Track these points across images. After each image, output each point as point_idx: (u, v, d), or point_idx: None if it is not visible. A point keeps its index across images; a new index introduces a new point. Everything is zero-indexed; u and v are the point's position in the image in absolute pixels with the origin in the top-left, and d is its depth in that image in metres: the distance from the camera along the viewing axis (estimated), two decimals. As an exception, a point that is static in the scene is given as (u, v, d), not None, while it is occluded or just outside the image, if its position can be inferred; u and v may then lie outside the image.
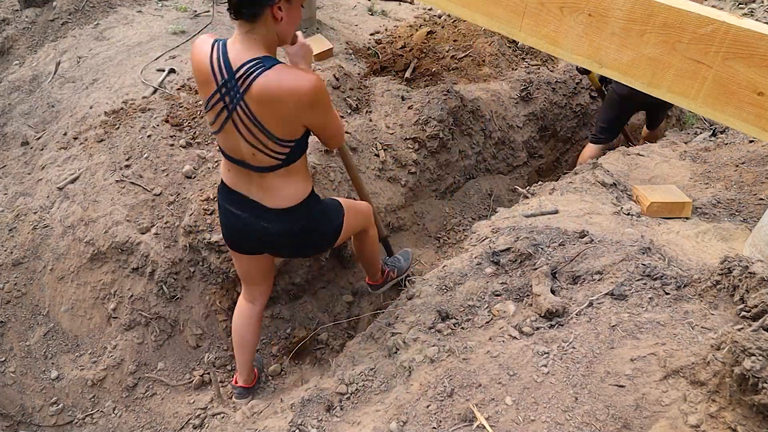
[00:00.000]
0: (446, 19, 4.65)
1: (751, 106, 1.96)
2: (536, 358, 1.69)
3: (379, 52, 4.39)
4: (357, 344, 2.30)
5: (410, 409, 1.71)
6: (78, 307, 2.84)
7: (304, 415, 1.87)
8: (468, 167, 3.85)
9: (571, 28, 2.30)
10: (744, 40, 1.88)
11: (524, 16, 2.43)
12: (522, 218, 2.47)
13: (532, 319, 1.86)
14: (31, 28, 4.89)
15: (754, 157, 2.89)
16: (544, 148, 4.22)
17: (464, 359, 1.80)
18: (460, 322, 2.01)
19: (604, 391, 1.52)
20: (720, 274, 1.67)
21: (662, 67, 2.12)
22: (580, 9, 2.24)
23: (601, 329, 1.69)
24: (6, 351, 2.81)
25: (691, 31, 1.99)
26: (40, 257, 2.92)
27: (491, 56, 4.30)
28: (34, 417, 2.71)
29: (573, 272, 1.98)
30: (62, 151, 3.31)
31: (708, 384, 1.39)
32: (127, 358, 2.78)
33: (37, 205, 3.05)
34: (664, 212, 2.48)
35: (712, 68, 2.00)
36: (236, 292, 2.97)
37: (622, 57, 2.20)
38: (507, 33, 2.59)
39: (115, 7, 4.89)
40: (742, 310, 1.56)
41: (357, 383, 1.97)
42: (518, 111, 4.02)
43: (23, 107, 4.01)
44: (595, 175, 2.79)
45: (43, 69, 4.32)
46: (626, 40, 2.16)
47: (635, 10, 2.09)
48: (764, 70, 1.88)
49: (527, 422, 1.52)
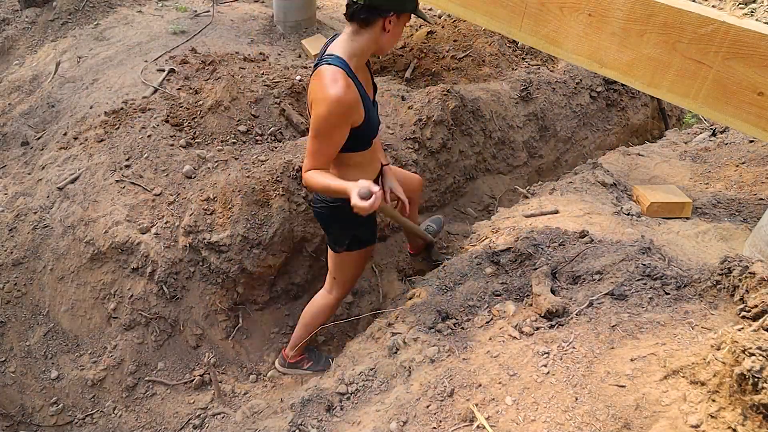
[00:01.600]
0: (446, 19, 4.65)
1: (751, 106, 1.96)
2: (536, 358, 1.69)
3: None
4: (357, 344, 2.30)
5: (410, 409, 1.71)
6: (78, 307, 2.84)
7: (304, 415, 1.87)
8: (468, 167, 3.85)
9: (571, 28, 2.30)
10: (744, 40, 1.88)
11: (524, 16, 2.43)
12: (522, 218, 2.47)
13: (532, 319, 1.86)
14: (31, 28, 4.89)
15: (754, 157, 2.89)
16: (544, 148, 4.22)
17: (464, 359, 1.80)
18: (460, 322, 2.01)
19: (604, 391, 1.52)
20: (720, 274, 1.67)
21: (662, 67, 2.12)
22: (580, 9, 2.24)
23: (601, 329, 1.69)
24: (6, 351, 2.81)
25: (691, 31, 1.99)
26: (40, 257, 2.92)
27: (491, 56, 4.29)
28: (34, 417, 2.71)
29: (573, 272, 1.98)
30: (62, 151, 3.31)
31: (708, 384, 1.39)
32: (127, 358, 2.78)
33: (37, 205, 3.05)
34: (664, 212, 2.48)
35: (712, 68, 2.00)
36: (236, 292, 2.97)
37: (622, 57, 2.21)
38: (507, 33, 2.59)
39: (115, 7, 4.89)
40: (742, 310, 1.56)
41: (357, 383, 1.97)
42: (518, 111, 4.01)
43: (23, 107, 4.01)
44: (595, 175, 2.79)
45: (43, 69, 4.32)
46: (626, 40, 2.16)
47: (635, 10, 2.09)
48: (764, 70, 1.88)
49: (527, 422, 1.52)
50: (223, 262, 2.86)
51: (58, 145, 3.38)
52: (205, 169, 3.05)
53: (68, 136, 3.39)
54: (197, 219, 2.85)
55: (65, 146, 3.35)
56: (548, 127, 4.18)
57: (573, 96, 4.28)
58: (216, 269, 2.88)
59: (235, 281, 2.93)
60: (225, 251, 2.86)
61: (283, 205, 2.97)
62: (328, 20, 4.75)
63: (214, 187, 2.94)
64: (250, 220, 2.91)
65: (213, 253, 2.86)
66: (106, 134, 3.28)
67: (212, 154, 3.12)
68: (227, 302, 2.96)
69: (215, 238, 2.84)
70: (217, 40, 4.29)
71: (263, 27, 4.57)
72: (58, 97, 3.88)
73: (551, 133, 4.20)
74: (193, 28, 4.49)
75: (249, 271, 2.92)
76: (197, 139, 3.23)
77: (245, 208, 2.91)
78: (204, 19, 4.66)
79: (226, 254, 2.86)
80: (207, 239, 2.84)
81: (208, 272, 2.90)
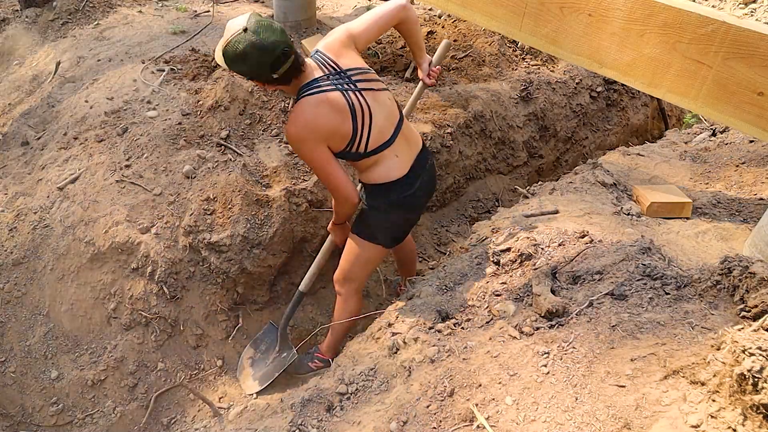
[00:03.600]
0: (446, 19, 4.65)
1: (751, 106, 1.96)
2: (536, 358, 1.69)
3: (379, 52, 4.39)
4: (357, 344, 2.30)
5: (410, 409, 1.71)
6: (78, 307, 2.83)
7: (304, 415, 1.87)
8: (468, 167, 3.85)
9: (571, 28, 2.30)
10: (744, 40, 1.88)
11: (524, 16, 2.43)
12: (522, 218, 2.47)
13: (532, 319, 1.86)
14: (31, 28, 4.89)
15: (754, 157, 2.89)
16: (544, 148, 4.22)
17: (464, 359, 1.80)
18: (460, 322, 2.01)
19: (604, 391, 1.52)
20: (720, 274, 1.67)
21: (662, 67, 2.12)
22: (580, 9, 2.24)
23: (602, 329, 1.69)
24: (6, 351, 2.81)
25: (691, 31, 1.99)
26: (40, 257, 2.92)
27: (491, 56, 4.29)
28: (34, 417, 2.71)
29: (573, 272, 1.98)
30: (62, 151, 3.31)
31: (708, 384, 1.39)
32: (127, 358, 2.78)
33: (37, 205, 3.05)
34: (664, 212, 2.48)
35: (712, 68, 2.00)
36: (236, 292, 2.97)
37: (622, 57, 2.21)
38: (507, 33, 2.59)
39: (115, 7, 4.89)
40: (742, 310, 1.56)
41: (357, 383, 1.97)
42: (518, 111, 4.01)
43: (23, 107, 4.01)
44: (595, 175, 2.79)
45: (43, 69, 4.32)
46: (626, 40, 2.16)
47: (635, 10, 2.09)
48: (764, 70, 1.88)
49: (527, 422, 1.52)
50: (223, 262, 2.87)
51: (58, 145, 3.38)
52: (205, 169, 3.05)
53: (68, 136, 3.39)
54: (197, 219, 2.85)
55: (65, 146, 3.34)
56: (548, 127, 4.18)
57: (573, 96, 4.27)
58: (216, 269, 2.88)
59: (235, 281, 2.93)
60: (225, 251, 2.86)
61: (283, 205, 2.97)
62: (328, 20, 4.75)
63: (214, 187, 2.94)
64: (250, 220, 2.91)
65: (213, 253, 2.86)
66: (106, 134, 3.28)
67: (212, 154, 3.12)
68: (227, 302, 2.96)
69: (215, 238, 2.84)
70: (218, 40, 4.28)
71: (263, 27, 4.56)
72: (58, 97, 3.88)
73: (551, 133, 4.20)
74: (193, 28, 4.48)
75: (249, 271, 2.92)
76: (197, 139, 3.23)
77: (245, 208, 2.91)
78: (204, 19, 4.66)
79: (226, 254, 2.86)
80: (207, 239, 2.84)
81: (208, 272, 2.90)
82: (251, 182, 3.00)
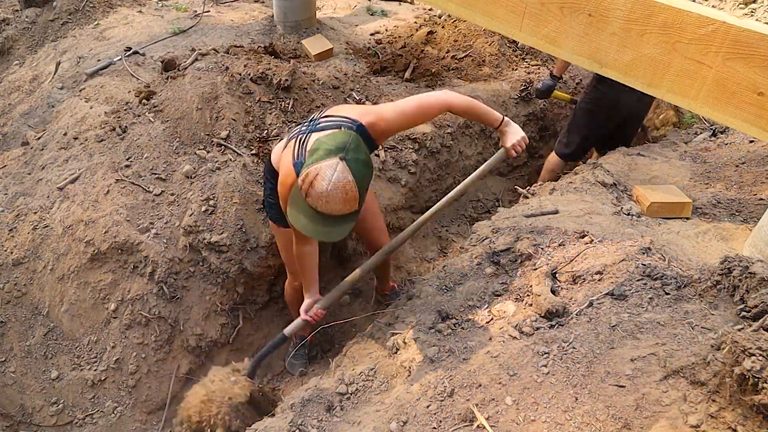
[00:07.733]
0: (446, 19, 4.65)
1: (751, 106, 1.96)
2: (536, 358, 1.69)
3: (379, 52, 4.39)
4: (357, 344, 2.30)
5: (410, 409, 1.71)
6: (78, 307, 2.83)
7: (304, 415, 1.87)
8: (468, 167, 3.85)
9: (571, 28, 2.30)
10: (744, 40, 1.88)
11: (524, 16, 2.42)
12: (522, 218, 2.46)
13: (532, 319, 1.86)
14: (31, 28, 4.89)
15: (754, 157, 2.89)
16: (544, 148, 4.22)
17: (464, 359, 1.80)
18: (460, 322, 2.01)
19: (604, 391, 1.52)
20: (720, 274, 1.67)
21: (662, 67, 2.12)
22: (580, 9, 2.23)
23: (601, 329, 1.69)
24: (6, 351, 2.81)
25: (691, 31, 1.99)
26: (40, 257, 2.92)
27: (491, 56, 4.30)
28: (34, 417, 2.71)
29: (573, 272, 1.98)
30: (62, 151, 3.31)
31: (708, 384, 1.39)
32: (127, 358, 2.78)
33: (37, 205, 3.05)
34: (664, 212, 2.48)
35: (712, 68, 1.99)
36: (236, 292, 2.97)
37: (622, 57, 2.20)
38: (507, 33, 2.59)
39: (115, 7, 4.89)
40: (742, 310, 1.56)
41: (357, 383, 1.97)
42: (518, 111, 4.02)
43: (23, 107, 4.01)
44: (595, 175, 2.79)
45: (43, 69, 4.32)
46: (626, 40, 2.16)
47: (635, 10, 2.09)
48: (764, 70, 1.88)
49: (527, 422, 1.52)
50: (223, 262, 2.87)
51: (58, 145, 3.37)
52: (205, 169, 3.05)
53: (68, 136, 3.39)
54: (197, 219, 2.85)
55: (65, 146, 3.34)
56: (548, 127, 4.19)
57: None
58: (216, 269, 2.88)
59: (235, 281, 2.93)
60: (225, 251, 2.86)
61: (283, 205, 2.97)
62: (328, 20, 4.75)
63: (214, 187, 2.95)
64: (250, 220, 2.91)
65: (213, 253, 2.86)
66: (106, 134, 3.28)
67: (212, 154, 3.12)
68: (227, 302, 2.96)
69: (215, 238, 2.84)
70: (218, 39, 4.29)
71: (263, 27, 4.57)
72: (58, 97, 3.88)
73: (551, 133, 4.20)
74: (193, 28, 4.49)
75: (249, 271, 2.92)
76: (197, 139, 3.23)
77: (245, 208, 2.91)
78: (204, 19, 4.66)
79: (226, 254, 2.86)
80: (207, 239, 2.84)
81: (208, 272, 2.90)
82: (251, 182, 3.01)
